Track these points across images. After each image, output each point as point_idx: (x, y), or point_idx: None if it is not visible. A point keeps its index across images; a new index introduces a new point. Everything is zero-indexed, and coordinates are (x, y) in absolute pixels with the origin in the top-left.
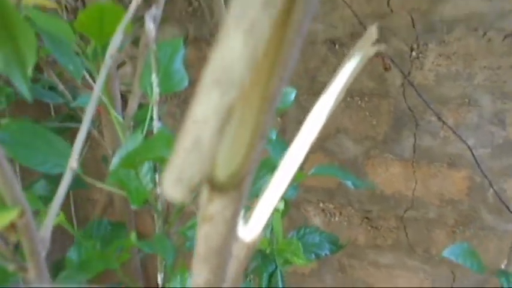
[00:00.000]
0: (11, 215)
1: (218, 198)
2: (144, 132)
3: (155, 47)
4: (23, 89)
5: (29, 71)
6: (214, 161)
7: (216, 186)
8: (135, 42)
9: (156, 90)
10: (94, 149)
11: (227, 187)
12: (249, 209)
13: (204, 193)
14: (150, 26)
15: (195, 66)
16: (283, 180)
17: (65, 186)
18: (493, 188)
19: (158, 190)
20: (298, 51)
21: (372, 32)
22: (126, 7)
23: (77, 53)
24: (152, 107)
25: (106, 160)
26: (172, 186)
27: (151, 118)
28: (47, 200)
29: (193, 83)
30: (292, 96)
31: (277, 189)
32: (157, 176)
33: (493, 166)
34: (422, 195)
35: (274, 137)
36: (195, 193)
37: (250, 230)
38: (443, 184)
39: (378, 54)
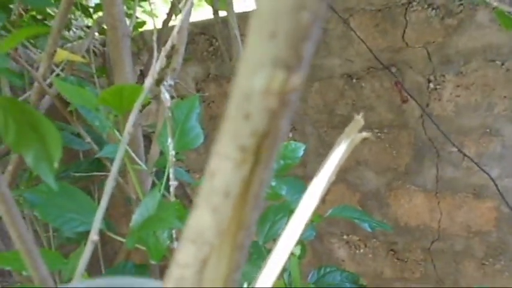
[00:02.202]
0: None
1: None
2: (162, 190)
3: (170, 114)
4: (50, 181)
5: (55, 164)
6: None
7: None
8: (158, 82)
9: (172, 153)
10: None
11: None
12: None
13: None
14: (165, 97)
15: (217, 102)
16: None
17: (86, 257)
18: None
19: (176, 245)
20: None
21: (359, 120)
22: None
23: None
24: (169, 168)
25: (130, 201)
26: None
27: (168, 176)
28: (74, 240)
29: (215, 117)
30: (301, 152)
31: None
32: (174, 233)
33: None
34: (448, 227)
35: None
36: None
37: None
38: (470, 215)
39: (396, 85)
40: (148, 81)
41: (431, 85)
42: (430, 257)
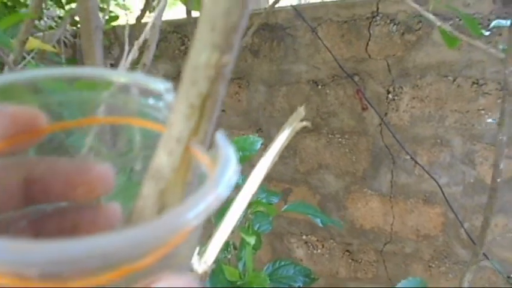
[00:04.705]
0: None
1: None
2: None
3: None
4: None
5: None
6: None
7: None
8: None
9: None
10: None
11: None
12: (204, 245)
13: None
14: None
15: None
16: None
17: None
18: (463, 226)
19: None
20: None
21: (301, 111)
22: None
23: None
24: None
25: None
26: None
27: None
28: None
29: None
30: (258, 145)
31: (227, 226)
32: None
33: (465, 203)
34: (400, 230)
35: None
36: None
37: (204, 262)
38: (419, 220)
39: (357, 93)
40: (122, 65)
41: (390, 96)
42: (382, 258)
